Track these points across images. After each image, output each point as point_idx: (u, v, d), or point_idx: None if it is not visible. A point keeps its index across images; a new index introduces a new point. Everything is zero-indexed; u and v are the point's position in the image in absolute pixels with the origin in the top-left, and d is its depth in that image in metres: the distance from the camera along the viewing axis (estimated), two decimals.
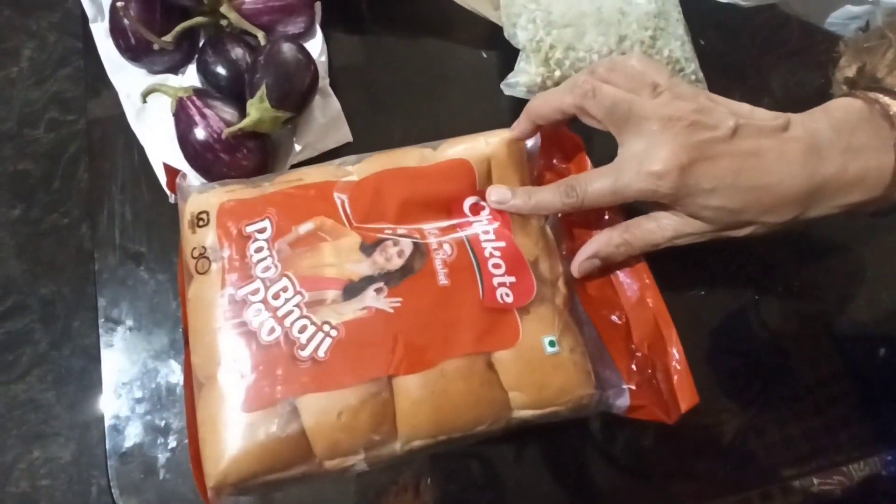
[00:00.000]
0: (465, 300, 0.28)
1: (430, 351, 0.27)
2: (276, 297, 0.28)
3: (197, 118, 0.35)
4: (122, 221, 0.39)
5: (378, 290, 0.28)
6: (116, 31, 0.39)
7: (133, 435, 0.34)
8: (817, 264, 0.39)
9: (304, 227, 0.29)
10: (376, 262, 0.29)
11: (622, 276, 0.32)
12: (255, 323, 0.27)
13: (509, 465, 0.34)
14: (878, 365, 0.38)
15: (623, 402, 0.29)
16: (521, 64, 0.39)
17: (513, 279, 0.29)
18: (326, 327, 0.27)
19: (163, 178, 0.38)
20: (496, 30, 0.40)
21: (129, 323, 0.37)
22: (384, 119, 0.41)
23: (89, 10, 0.42)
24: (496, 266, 0.29)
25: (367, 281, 0.28)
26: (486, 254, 0.29)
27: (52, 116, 1.45)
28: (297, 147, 0.38)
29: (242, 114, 0.35)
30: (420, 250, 0.29)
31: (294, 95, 0.36)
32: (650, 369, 0.30)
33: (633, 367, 0.30)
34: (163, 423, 0.35)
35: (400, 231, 0.30)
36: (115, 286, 0.37)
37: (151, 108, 0.39)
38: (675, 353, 0.29)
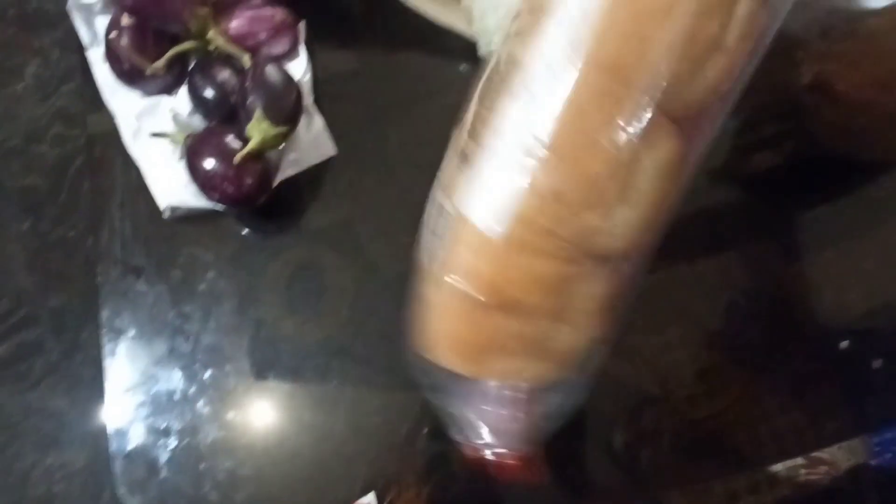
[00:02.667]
0: None
1: None
2: None
3: (205, 153, 0.37)
4: (122, 236, 0.41)
5: None
6: (111, 58, 0.41)
7: (136, 437, 0.37)
8: (807, 257, 0.40)
9: None
10: None
11: None
12: None
13: None
14: (856, 357, 0.39)
15: None
16: None
17: None
18: None
19: (158, 196, 0.40)
20: None
21: (131, 333, 0.39)
22: (379, 129, 0.43)
23: (85, 37, 0.44)
24: None
25: None
26: None
27: (57, 132, 1.48)
28: (284, 164, 0.40)
29: (240, 136, 0.37)
30: None
31: (286, 111, 0.38)
32: None
33: None
34: (163, 426, 0.37)
35: None
36: (117, 298, 0.40)
37: (146, 128, 0.42)
38: None
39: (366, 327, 0.38)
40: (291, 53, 0.44)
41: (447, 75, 0.45)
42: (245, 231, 0.41)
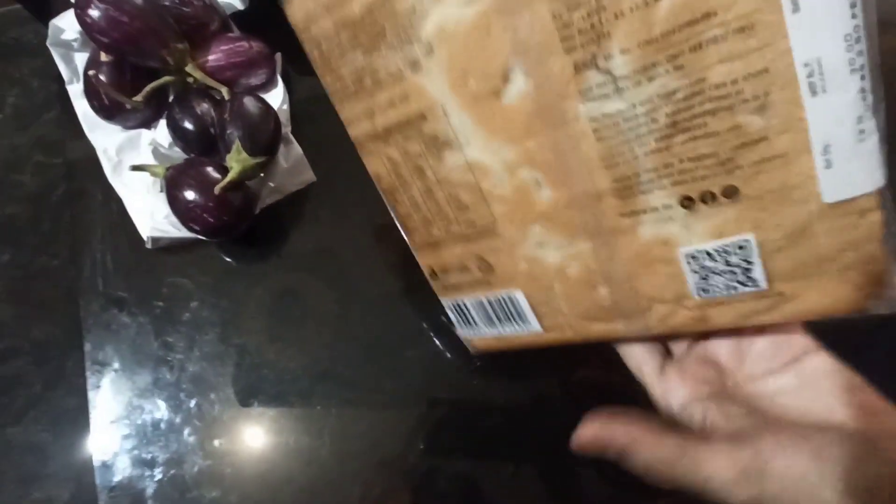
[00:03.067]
0: None
1: None
2: None
3: (185, 184, 0.38)
4: (104, 269, 0.41)
5: None
6: (91, 94, 0.42)
7: (121, 469, 0.37)
8: None
9: None
10: None
11: None
12: None
13: (505, 481, 0.36)
14: None
15: None
16: None
17: None
18: None
19: (140, 227, 0.41)
20: None
21: (115, 365, 0.39)
22: (357, 155, 0.44)
23: (65, 73, 0.45)
24: None
25: None
26: None
27: (37, 160, 1.47)
28: (265, 192, 0.41)
29: (216, 166, 0.38)
30: None
31: (264, 141, 0.39)
32: None
33: None
34: (149, 457, 0.37)
35: None
36: (100, 330, 0.40)
37: (126, 161, 0.43)
38: None
39: (349, 350, 0.39)
40: (269, 84, 0.45)
41: None
42: (227, 259, 0.42)
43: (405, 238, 0.29)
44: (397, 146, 0.25)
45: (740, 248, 0.21)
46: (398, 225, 0.29)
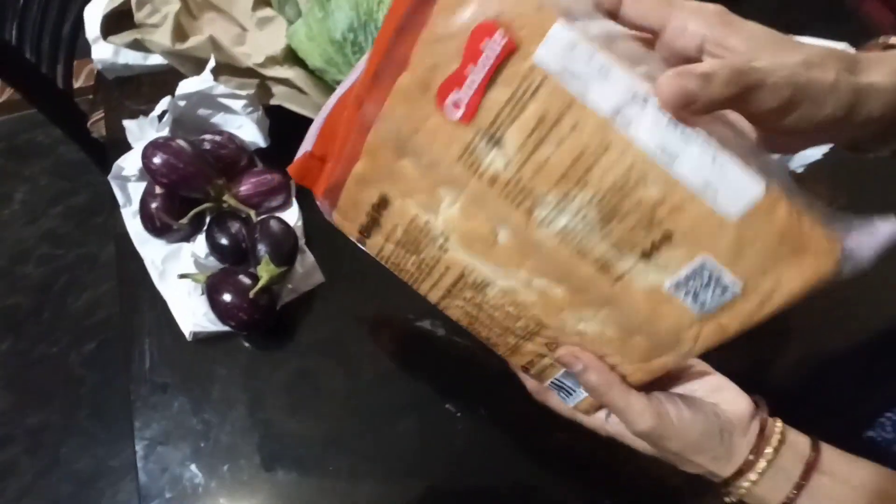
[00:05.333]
0: None
1: None
2: None
3: (223, 289, 0.48)
4: (151, 360, 0.50)
5: None
6: (144, 216, 0.53)
7: None
8: None
9: None
10: None
11: None
12: None
13: None
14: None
15: None
16: None
17: None
18: None
19: (182, 324, 0.50)
20: None
21: (160, 439, 0.48)
22: (358, 258, 0.55)
23: (120, 198, 0.56)
24: None
25: None
26: None
27: (42, 252, 1.53)
28: (284, 293, 0.51)
29: (247, 274, 0.49)
30: None
31: (286, 253, 0.50)
32: None
33: None
34: None
35: None
36: (147, 410, 0.49)
37: (170, 270, 0.53)
38: None
39: (354, 420, 0.48)
40: (286, 205, 0.56)
41: None
42: (253, 349, 0.51)
43: (496, 352, 0.37)
44: (458, 296, 0.35)
45: (702, 266, 0.27)
46: (489, 346, 0.37)
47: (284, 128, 0.56)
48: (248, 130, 0.56)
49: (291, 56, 0.58)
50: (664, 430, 0.31)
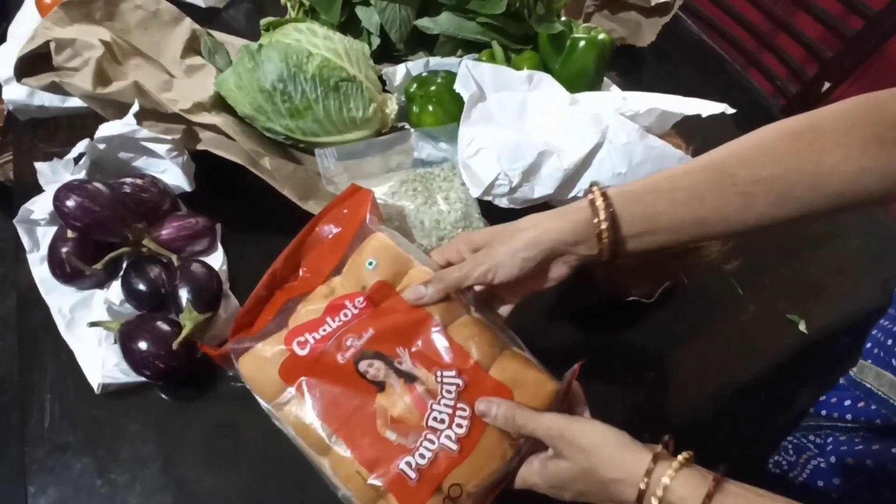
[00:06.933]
0: None
1: None
2: None
3: (139, 337, 0.45)
4: (52, 417, 0.46)
5: None
6: (53, 262, 0.50)
7: None
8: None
9: None
10: None
11: None
12: None
13: None
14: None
15: None
16: None
17: None
18: None
19: (91, 376, 0.47)
20: None
21: None
22: None
23: (27, 244, 0.52)
24: None
25: None
26: None
27: None
28: (206, 339, 0.49)
29: (166, 320, 0.46)
30: None
31: (210, 299, 0.48)
32: None
33: None
34: None
35: None
36: (44, 475, 0.44)
37: (79, 319, 0.49)
38: None
39: (277, 473, 0.46)
40: (210, 249, 0.55)
41: None
42: (168, 399, 0.48)
43: None
44: None
45: None
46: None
47: (212, 173, 0.55)
48: (172, 174, 0.55)
49: (220, 103, 0.58)
50: (575, 423, 0.36)
